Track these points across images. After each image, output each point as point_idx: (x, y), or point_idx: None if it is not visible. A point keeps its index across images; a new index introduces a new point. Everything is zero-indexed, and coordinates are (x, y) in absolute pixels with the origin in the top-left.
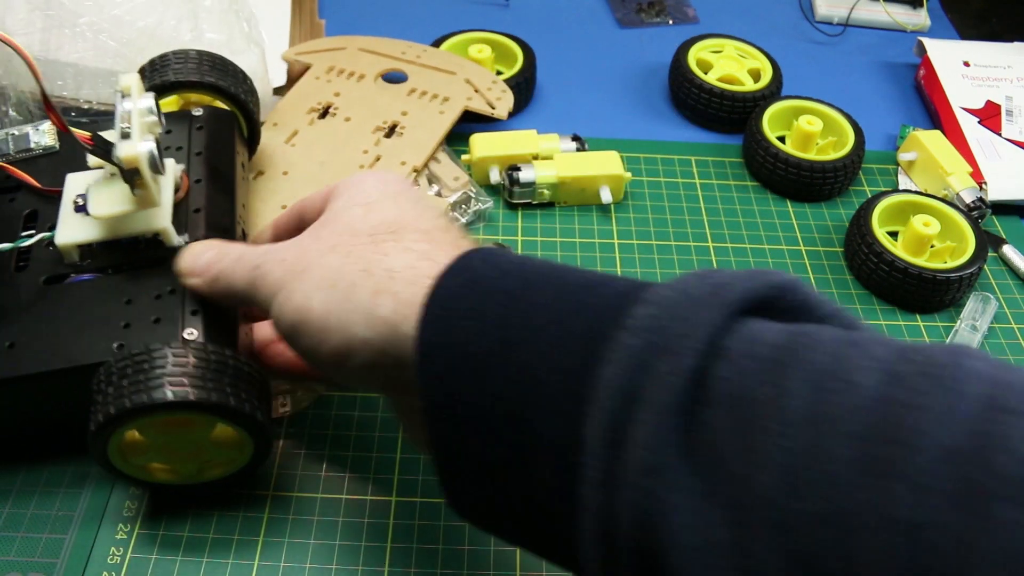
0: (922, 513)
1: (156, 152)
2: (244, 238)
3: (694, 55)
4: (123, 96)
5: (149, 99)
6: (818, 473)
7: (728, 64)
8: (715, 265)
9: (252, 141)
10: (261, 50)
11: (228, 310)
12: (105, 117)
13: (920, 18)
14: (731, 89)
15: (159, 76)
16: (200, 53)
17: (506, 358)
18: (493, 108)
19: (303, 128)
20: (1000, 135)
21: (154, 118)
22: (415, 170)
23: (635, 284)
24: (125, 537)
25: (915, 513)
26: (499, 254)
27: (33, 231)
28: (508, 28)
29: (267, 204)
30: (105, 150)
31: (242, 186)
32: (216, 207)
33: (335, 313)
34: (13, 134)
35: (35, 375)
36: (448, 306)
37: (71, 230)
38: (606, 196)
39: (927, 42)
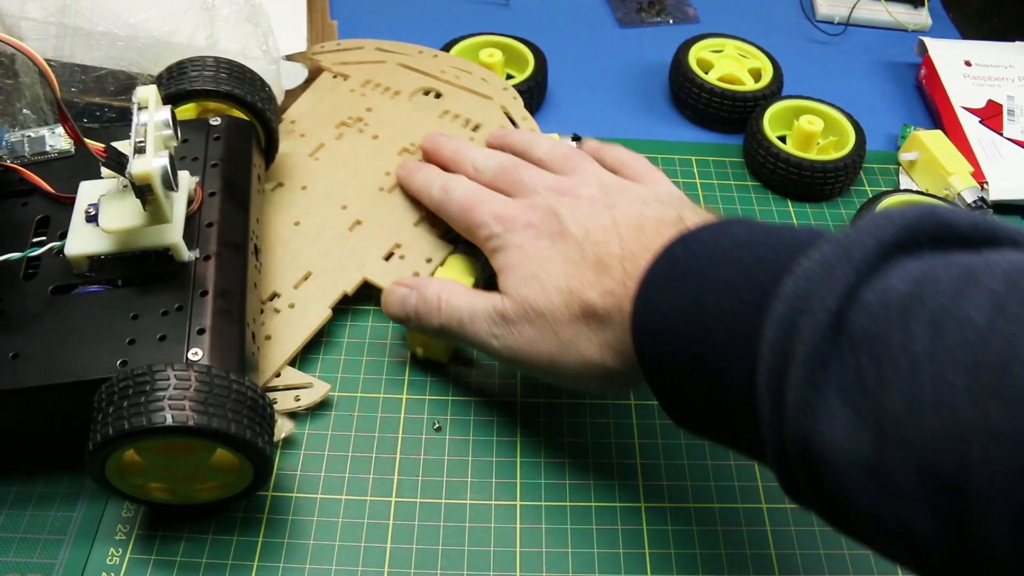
0: (1017, 423)
1: (170, 168)
2: (257, 253)
3: (694, 55)
4: (139, 108)
5: (166, 112)
6: (937, 400)
7: (729, 64)
8: None
9: (269, 152)
10: (277, 65)
11: (235, 330)
12: (119, 123)
13: (921, 17)
14: (732, 89)
15: (175, 84)
16: (218, 60)
17: (697, 325)
18: None
19: (329, 142)
20: (1002, 135)
21: (169, 131)
22: None
23: (792, 252)
24: (124, 539)
25: (1012, 425)
26: (698, 238)
27: (44, 238)
28: (508, 27)
29: (281, 217)
30: (118, 163)
31: (257, 199)
32: (230, 222)
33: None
34: (29, 136)
35: (36, 388)
36: (654, 288)
37: (81, 241)
38: None
39: (928, 41)
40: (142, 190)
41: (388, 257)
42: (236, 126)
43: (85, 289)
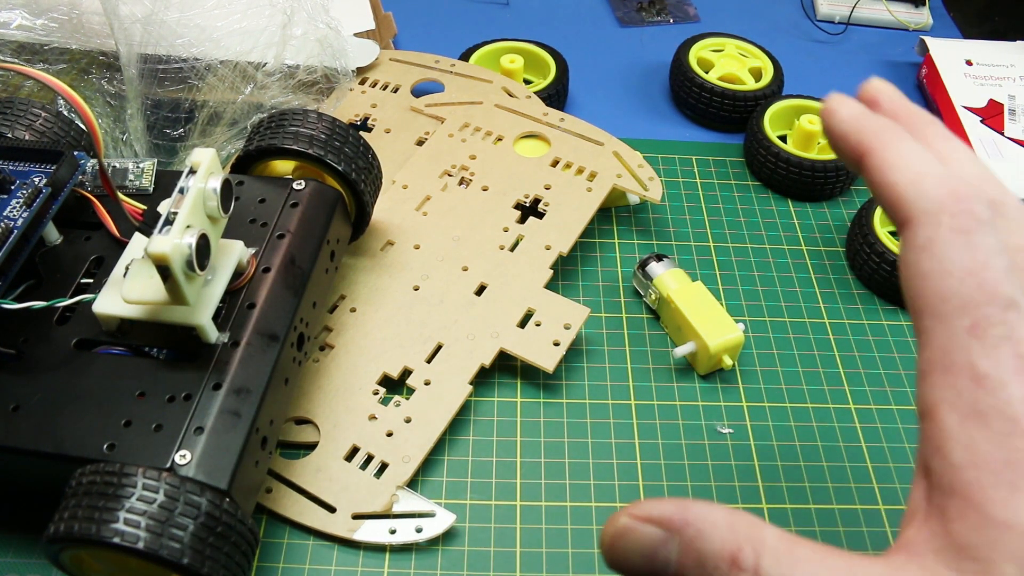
0: None
1: (196, 250)
2: (300, 344)
3: (695, 54)
4: (190, 172)
5: (217, 181)
6: None
7: (729, 63)
8: (716, 266)
9: (359, 224)
10: (343, 91)
11: (238, 436)
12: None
13: (922, 16)
14: (732, 88)
15: (269, 137)
16: (320, 117)
17: None
18: (646, 189)
19: (435, 194)
20: (1003, 134)
21: (215, 203)
22: (561, 255)
23: None
24: None
25: None
26: None
27: (91, 280)
28: (508, 28)
29: (397, 281)
30: (151, 231)
31: (322, 280)
32: (274, 307)
33: None
34: (114, 166)
35: (21, 449)
36: None
37: (111, 300)
38: (633, 198)
39: (929, 41)
40: (161, 270)
41: (523, 323)
42: (320, 195)
43: (107, 350)
